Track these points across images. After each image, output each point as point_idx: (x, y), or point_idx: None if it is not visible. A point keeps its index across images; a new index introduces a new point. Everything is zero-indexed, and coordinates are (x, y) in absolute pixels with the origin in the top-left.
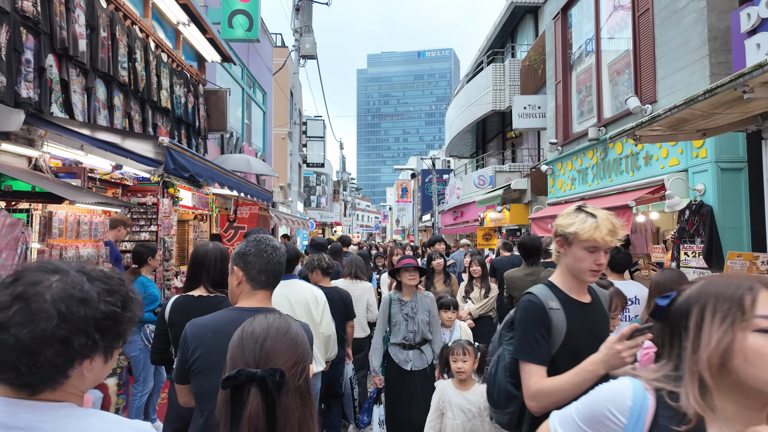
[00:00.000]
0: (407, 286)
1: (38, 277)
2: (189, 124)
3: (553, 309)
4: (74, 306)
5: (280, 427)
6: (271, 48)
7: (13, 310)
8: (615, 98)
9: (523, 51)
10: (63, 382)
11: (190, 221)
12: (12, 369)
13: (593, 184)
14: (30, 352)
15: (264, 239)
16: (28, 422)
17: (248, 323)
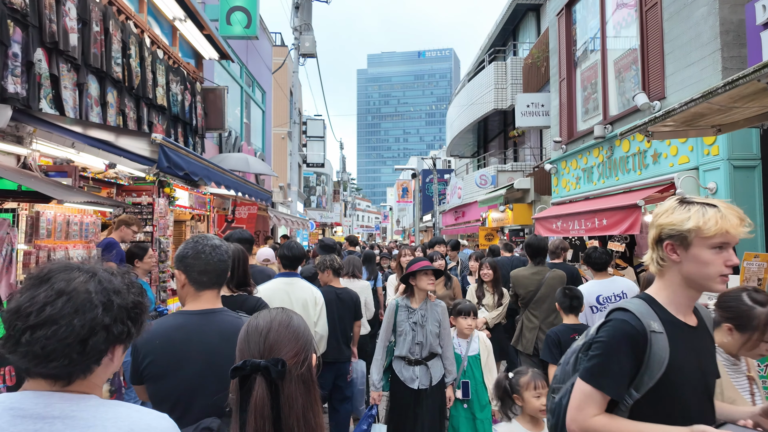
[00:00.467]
0: (420, 292)
1: (70, 275)
2: (186, 123)
3: (655, 332)
4: (111, 296)
5: (285, 412)
6: (270, 47)
7: (60, 303)
8: (621, 95)
9: (525, 49)
10: (94, 370)
11: (187, 222)
12: (65, 356)
13: (599, 183)
14: (81, 339)
15: (202, 239)
16: (63, 411)
17: (253, 318)
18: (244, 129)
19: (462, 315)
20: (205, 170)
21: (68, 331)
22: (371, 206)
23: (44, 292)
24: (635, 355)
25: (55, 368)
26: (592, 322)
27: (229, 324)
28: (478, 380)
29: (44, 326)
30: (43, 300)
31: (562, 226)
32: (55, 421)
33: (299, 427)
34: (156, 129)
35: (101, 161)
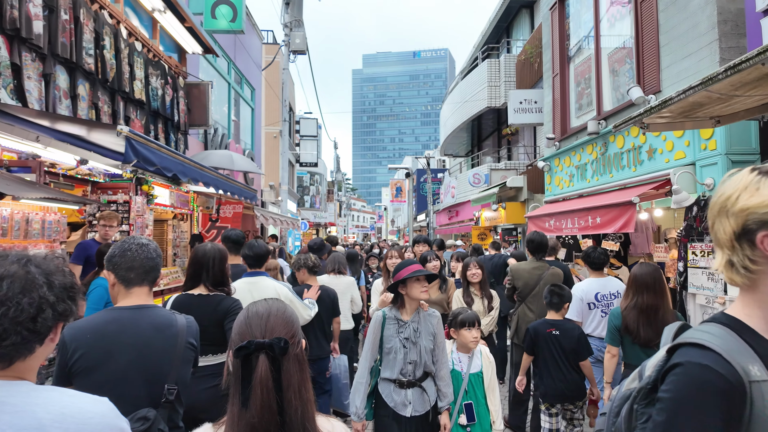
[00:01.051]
0: (412, 302)
1: (5, 261)
2: (167, 118)
3: (757, 381)
4: (50, 277)
5: (284, 386)
6: (260, 43)
7: (5, 286)
8: (616, 90)
9: (519, 46)
10: (34, 351)
11: (169, 221)
12: (17, 334)
13: (593, 181)
14: (31, 317)
15: (129, 239)
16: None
17: (252, 306)
18: (231, 126)
19: (466, 326)
20: (180, 166)
21: (19, 310)
22: (366, 206)
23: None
24: (726, 420)
25: (8, 348)
26: (588, 319)
27: (163, 318)
28: (480, 401)
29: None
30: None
31: (555, 224)
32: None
33: (296, 399)
34: (134, 124)
35: (72, 157)
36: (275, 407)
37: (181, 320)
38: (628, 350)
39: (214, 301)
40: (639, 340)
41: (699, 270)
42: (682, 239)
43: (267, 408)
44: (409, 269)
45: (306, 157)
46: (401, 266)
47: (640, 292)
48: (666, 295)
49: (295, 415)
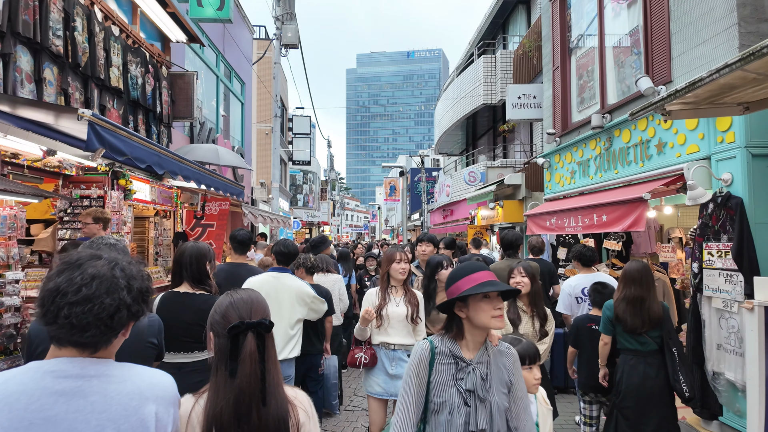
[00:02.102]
0: (477, 331)
1: (98, 262)
2: (148, 109)
3: None
4: (131, 281)
5: (266, 358)
6: (250, 36)
7: (95, 285)
8: (621, 82)
9: (515, 42)
10: (112, 342)
11: (150, 218)
12: (96, 328)
13: (596, 177)
14: (110, 314)
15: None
16: (98, 371)
17: (235, 293)
18: (220, 121)
19: (526, 365)
20: (155, 157)
21: (101, 308)
22: (360, 206)
23: (79, 276)
24: None
25: (88, 338)
26: (577, 312)
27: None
28: None
29: (81, 303)
30: (79, 282)
31: (557, 223)
32: (92, 378)
33: (273, 368)
34: (110, 114)
35: (38, 146)
36: (259, 374)
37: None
38: (620, 337)
39: (199, 300)
40: (627, 328)
41: (715, 271)
42: (696, 238)
43: (253, 374)
44: (472, 279)
45: (299, 155)
46: (459, 273)
47: (629, 286)
48: (652, 289)
49: (271, 380)
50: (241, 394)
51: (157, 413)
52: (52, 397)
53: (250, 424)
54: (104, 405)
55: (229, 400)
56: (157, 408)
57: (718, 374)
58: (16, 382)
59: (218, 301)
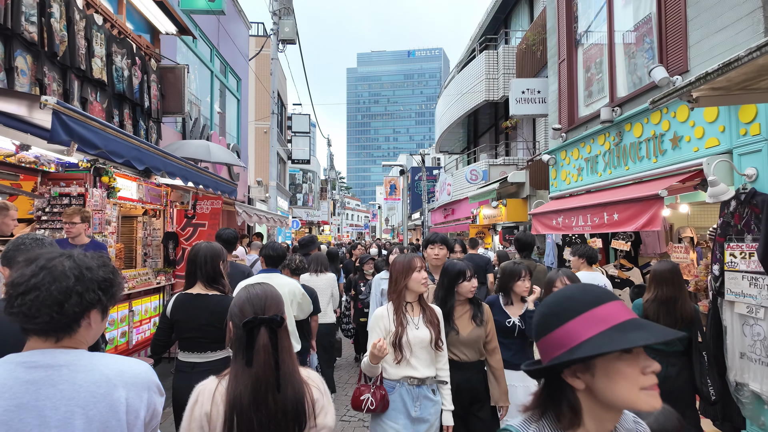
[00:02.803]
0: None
1: (51, 256)
2: (135, 104)
3: None
4: (83, 271)
5: (279, 349)
6: (246, 32)
7: (42, 275)
8: (632, 73)
9: (518, 37)
10: (77, 330)
11: (138, 217)
12: (46, 315)
13: (605, 174)
14: (58, 302)
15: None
16: (66, 361)
17: (252, 288)
18: (215, 118)
19: None
20: (134, 151)
21: (47, 295)
22: (360, 205)
23: (30, 269)
24: None
25: (39, 324)
26: None
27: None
28: None
29: (30, 292)
30: (29, 274)
31: (564, 222)
32: (61, 368)
33: (288, 357)
34: (92, 108)
35: (10, 141)
36: (273, 363)
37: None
38: None
39: (213, 301)
40: None
41: (739, 274)
42: (717, 238)
43: (267, 364)
44: (597, 317)
45: (298, 153)
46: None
47: (661, 286)
48: (684, 288)
49: (286, 368)
50: (258, 382)
51: (128, 398)
52: (24, 386)
53: (267, 408)
54: (72, 392)
55: (248, 386)
56: (127, 393)
57: (742, 385)
58: None
59: (237, 295)
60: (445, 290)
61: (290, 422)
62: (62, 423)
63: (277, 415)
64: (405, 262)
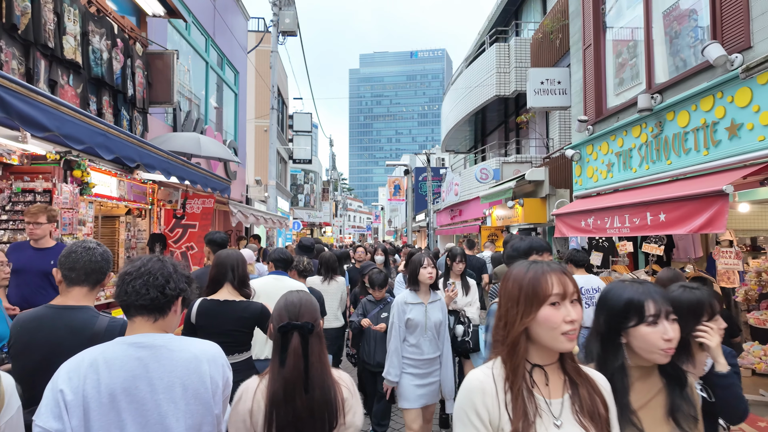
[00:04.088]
0: None
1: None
2: (117, 91)
3: None
4: (175, 267)
5: (309, 354)
6: (245, 23)
7: (150, 265)
8: (674, 55)
9: (530, 29)
10: (167, 313)
11: (121, 217)
12: (153, 293)
13: (641, 170)
14: (161, 285)
15: (81, 241)
16: (164, 342)
17: (289, 295)
18: (210, 112)
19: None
20: (100, 137)
21: (155, 279)
22: (363, 206)
23: (139, 262)
24: None
25: (147, 300)
26: None
27: (81, 321)
28: None
29: (141, 277)
30: (139, 265)
31: (596, 223)
32: (161, 347)
33: (317, 361)
34: (63, 92)
35: None
36: (302, 367)
37: (101, 324)
38: None
39: (240, 307)
40: None
41: None
42: None
43: (296, 367)
44: None
45: (300, 153)
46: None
47: None
48: None
49: (315, 372)
50: (287, 382)
51: (210, 371)
52: (135, 361)
53: (295, 406)
54: (172, 366)
55: (281, 385)
56: (210, 367)
57: None
58: (110, 351)
59: (278, 300)
60: None
61: (319, 420)
62: (167, 389)
63: (304, 414)
64: (525, 277)
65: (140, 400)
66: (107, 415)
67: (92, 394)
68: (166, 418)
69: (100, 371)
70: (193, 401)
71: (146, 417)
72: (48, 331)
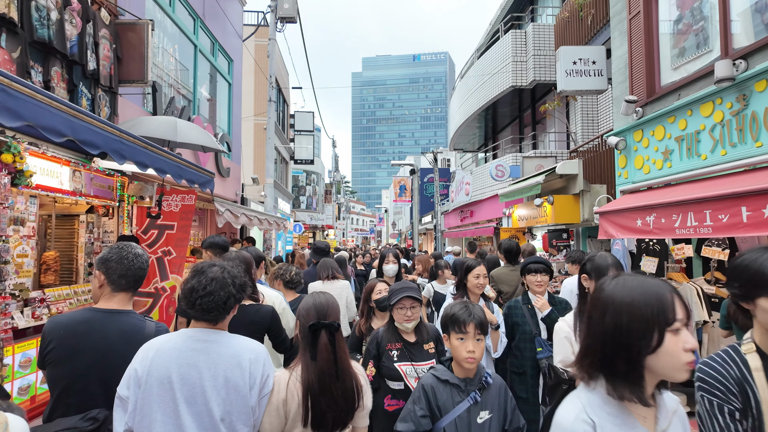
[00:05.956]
0: None
1: (214, 268)
2: (73, 62)
3: None
4: (234, 279)
5: (336, 348)
6: (240, 7)
7: (214, 284)
8: (761, 12)
9: (549, 15)
10: (225, 318)
11: (81, 216)
12: (217, 309)
13: (713, 156)
14: (223, 302)
15: (126, 246)
16: (217, 337)
17: (317, 296)
18: (201, 102)
19: None
20: (45, 113)
21: (218, 298)
22: (366, 209)
23: (204, 279)
24: None
25: (213, 316)
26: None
27: (132, 326)
28: None
29: (207, 296)
30: (205, 283)
31: (658, 222)
32: (213, 343)
33: (344, 354)
34: None
35: None
36: (332, 359)
37: (150, 329)
38: (737, 332)
39: (251, 311)
40: (738, 325)
41: None
42: None
43: (329, 360)
44: None
45: (301, 153)
46: None
47: None
48: None
49: (342, 363)
50: (322, 373)
51: (250, 366)
52: (192, 352)
53: (330, 393)
54: (218, 359)
55: (316, 376)
56: (250, 363)
57: None
58: (173, 341)
59: (305, 299)
60: None
61: (348, 404)
62: (212, 378)
63: (338, 399)
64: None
65: (190, 384)
66: (165, 391)
67: (155, 373)
68: (210, 402)
69: (162, 356)
70: (233, 391)
71: (194, 397)
72: (99, 335)
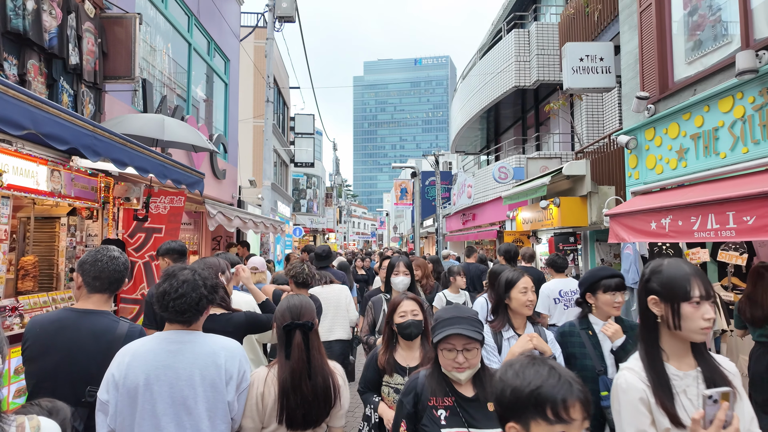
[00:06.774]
0: None
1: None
2: (52, 55)
3: None
4: (205, 281)
5: (310, 347)
6: (237, 7)
7: (185, 287)
8: None
9: (553, 14)
10: (199, 319)
11: (62, 218)
12: (189, 311)
13: (734, 154)
14: (196, 303)
15: (103, 249)
16: (191, 338)
17: (291, 298)
18: (196, 103)
19: None
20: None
21: (191, 299)
22: (367, 213)
23: (176, 282)
24: None
25: (186, 317)
26: (554, 312)
27: (104, 326)
28: None
29: (180, 298)
30: (176, 286)
31: (675, 224)
32: (187, 343)
33: (318, 353)
34: None
35: None
36: (305, 359)
37: (122, 329)
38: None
39: (222, 320)
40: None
41: None
42: None
43: (301, 359)
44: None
45: (302, 155)
46: None
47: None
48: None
49: (316, 362)
50: (294, 372)
51: (225, 363)
52: (166, 353)
53: (302, 390)
54: (194, 359)
55: (289, 374)
56: (225, 360)
57: None
58: (148, 345)
59: (281, 303)
60: None
61: (321, 402)
62: (188, 377)
63: (308, 397)
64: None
65: (168, 384)
66: (144, 393)
67: (131, 377)
68: (187, 400)
69: (138, 360)
70: (209, 389)
71: (172, 397)
72: (70, 333)
